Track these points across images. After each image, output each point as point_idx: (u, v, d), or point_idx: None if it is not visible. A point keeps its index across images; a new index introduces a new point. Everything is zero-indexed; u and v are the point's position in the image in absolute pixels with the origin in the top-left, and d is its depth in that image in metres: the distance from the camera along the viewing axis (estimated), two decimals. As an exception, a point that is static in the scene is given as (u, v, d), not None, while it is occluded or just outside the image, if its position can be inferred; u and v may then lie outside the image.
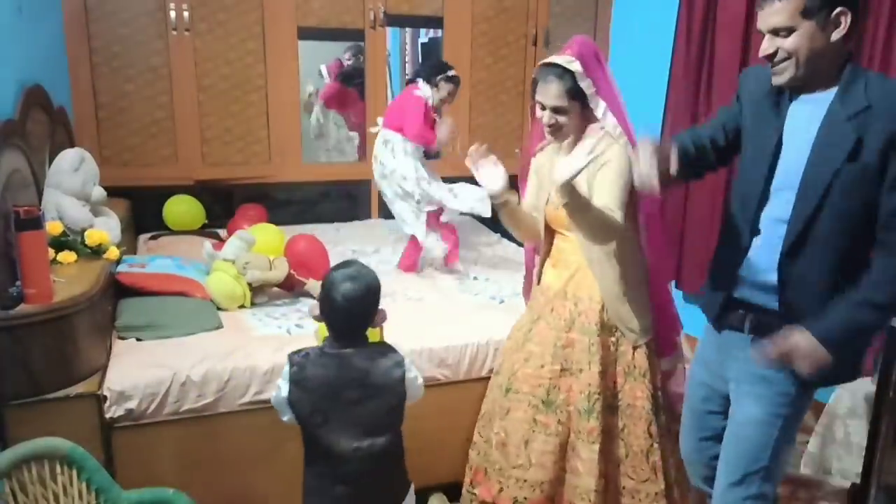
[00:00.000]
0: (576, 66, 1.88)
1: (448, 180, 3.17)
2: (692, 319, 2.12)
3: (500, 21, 4.10)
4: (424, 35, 4.90)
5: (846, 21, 1.45)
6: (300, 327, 2.47)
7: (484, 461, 2.19)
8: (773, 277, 1.60)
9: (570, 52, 1.93)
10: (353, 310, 1.69)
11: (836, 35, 1.46)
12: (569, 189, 1.70)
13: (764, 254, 1.62)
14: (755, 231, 1.64)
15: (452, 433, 2.35)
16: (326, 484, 1.74)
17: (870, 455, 2.13)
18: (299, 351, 1.74)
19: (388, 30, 3.99)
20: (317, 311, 1.77)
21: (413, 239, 3.13)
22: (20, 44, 2.59)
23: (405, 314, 2.52)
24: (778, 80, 1.55)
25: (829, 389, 2.57)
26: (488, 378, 2.33)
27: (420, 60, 5.08)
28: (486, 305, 2.77)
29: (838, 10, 1.44)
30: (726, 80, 3.38)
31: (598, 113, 1.93)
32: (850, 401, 2.52)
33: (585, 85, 1.89)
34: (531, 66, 4.20)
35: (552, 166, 1.90)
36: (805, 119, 1.55)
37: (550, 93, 1.90)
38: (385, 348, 1.78)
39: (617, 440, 2.08)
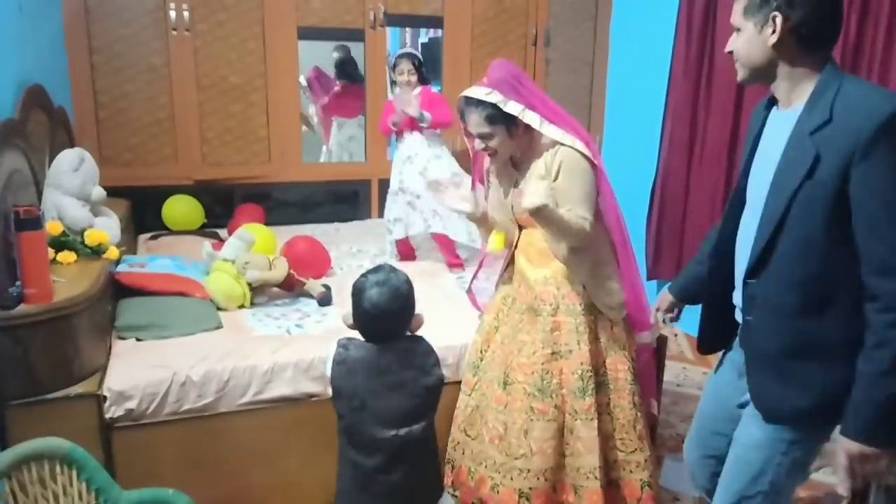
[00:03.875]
0: (494, 97, 1.94)
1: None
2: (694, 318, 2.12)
3: (500, 21, 4.10)
4: (425, 35, 4.89)
5: (777, 24, 1.39)
6: (300, 327, 2.47)
7: (468, 459, 2.19)
8: (739, 297, 1.58)
9: (485, 81, 2.00)
10: (381, 317, 1.70)
11: (771, 39, 1.40)
12: (541, 215, 1.86)
13: (738, 273, 1.60)
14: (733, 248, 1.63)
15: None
16: (359, 475, 1.75)
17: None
18: (347, 338, 1.80)
19: (388, 30, 3.99)
20: (350, 320, 1.79)
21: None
22: (20, 43, 2.59)
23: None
24: (738, 78, 1.54)
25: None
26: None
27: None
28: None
29: (772, 13, 1.39)
30: (726, 80, 3.39)
31: (536, 125, 1.97)
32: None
33: (511, 108, 1.94)
34: (531, 66, 4.20)
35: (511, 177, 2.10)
36: (779, 134, 1.49)
37: (472, 122, 2.00)
38: (417, 339, 1.83)
39: (605, 415, 2.13)
